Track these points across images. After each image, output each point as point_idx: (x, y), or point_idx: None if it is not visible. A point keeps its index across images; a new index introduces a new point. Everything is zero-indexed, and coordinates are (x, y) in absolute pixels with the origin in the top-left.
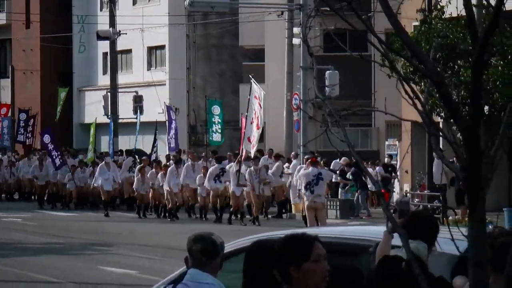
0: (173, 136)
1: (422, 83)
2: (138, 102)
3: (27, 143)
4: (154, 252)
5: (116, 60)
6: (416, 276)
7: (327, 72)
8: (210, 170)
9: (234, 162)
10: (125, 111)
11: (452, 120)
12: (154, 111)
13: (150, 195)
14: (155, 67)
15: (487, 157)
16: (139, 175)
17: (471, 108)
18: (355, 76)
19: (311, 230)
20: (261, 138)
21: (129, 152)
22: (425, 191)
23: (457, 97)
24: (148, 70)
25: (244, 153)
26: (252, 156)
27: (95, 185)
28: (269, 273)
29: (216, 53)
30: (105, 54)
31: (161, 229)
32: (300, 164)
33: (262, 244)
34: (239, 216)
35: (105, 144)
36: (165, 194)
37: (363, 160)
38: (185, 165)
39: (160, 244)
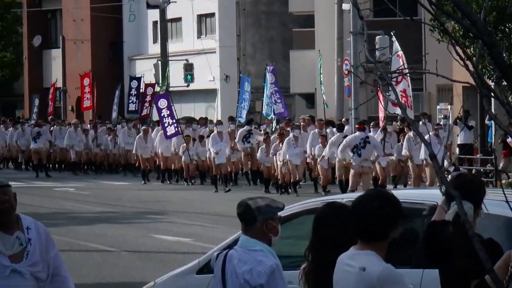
0: (279, 100)
1: (472, 47)
2: (188, 70)
3: (142, 114)
4: (206, 220)
5: (166, 28)
6: (464, 238)
7: (377, 37)
8: (332, 138)
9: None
10: (176, 80)
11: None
12: (205, 79)
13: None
14: (205, 35)
15: None
16: (264, 145)
17: None
18: (405, 42)
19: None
20: (312, 105)
21: (249, 121)
22: (478, 155)
23: (508, 60)
24: (198, 38)
25: (382, 119)
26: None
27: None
28: (338, 233)
29: (265, 19)
30: (155, 22)
31: (210, 197)
32: (352, 130)
33: (334, 206)
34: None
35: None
36: (278, 165)
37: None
38: (312, 133)
39: (210, 211)
